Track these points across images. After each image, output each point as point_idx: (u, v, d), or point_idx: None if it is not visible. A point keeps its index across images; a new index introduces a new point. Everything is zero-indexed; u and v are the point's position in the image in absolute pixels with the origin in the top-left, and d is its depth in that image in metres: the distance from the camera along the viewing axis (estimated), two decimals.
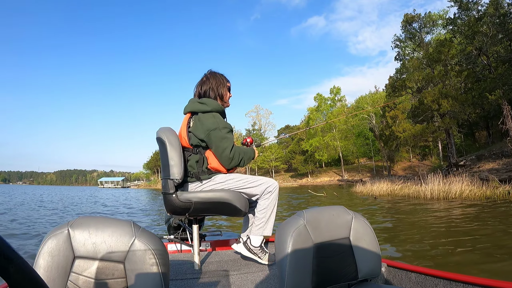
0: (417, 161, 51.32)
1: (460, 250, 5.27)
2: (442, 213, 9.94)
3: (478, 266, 4.41)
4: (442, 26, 28.28)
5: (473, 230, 6.89)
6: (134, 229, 1.22)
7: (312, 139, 58.67)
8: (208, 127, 2.30)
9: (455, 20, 23.18)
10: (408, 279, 1.95)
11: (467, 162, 22.63)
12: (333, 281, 1.48)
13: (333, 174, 62.56)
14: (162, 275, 1.18)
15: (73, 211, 16.18)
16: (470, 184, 14.90)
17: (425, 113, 22.73)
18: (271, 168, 72.95)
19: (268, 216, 2.43)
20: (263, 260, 2.40)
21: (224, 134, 2.31)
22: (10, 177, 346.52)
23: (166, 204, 2.34)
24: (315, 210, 1.58)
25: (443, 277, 1.74)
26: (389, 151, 37.33)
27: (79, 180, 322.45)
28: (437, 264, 4.66)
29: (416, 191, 16.83)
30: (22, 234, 8.34)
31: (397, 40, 28.20)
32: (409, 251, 5.48)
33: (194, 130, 2.37)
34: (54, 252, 1.11)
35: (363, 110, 50.50)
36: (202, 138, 2.33)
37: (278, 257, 1.45)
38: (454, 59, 22.93)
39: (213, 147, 2.32)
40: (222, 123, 2.35)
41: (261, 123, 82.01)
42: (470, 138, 42.00)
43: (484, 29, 20.46)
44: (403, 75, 25.42)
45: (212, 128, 2.30)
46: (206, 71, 2.63)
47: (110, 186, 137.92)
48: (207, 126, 2.31)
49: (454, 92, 20.94)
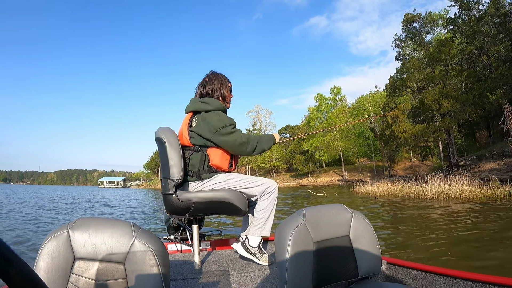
0: (418, 161, 51.26)
1: (457, 250, 5.28)
2: (441, 213, 9.93)
3: (475, 263, 4.46)
4: (443, 26, 28.29)
5: (472, 229, 6.90)
6: (134, 230, 1.22)
7: (312, 139, 58.54)
8: (214, 126, 2.30)
9: (456, 20, 23.16)
10: (408, 276, 1.93)
11: (467, 162, 22.61)
12: (334, 279, 1.48)
13: (334, 174, 62.41)
14: (162, 275, 1.18)
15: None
16: (470, 184, 14.85)
17: (426, 113, 22.69)
18: (272, 168, 72.81)
19: (267, 216, 2.44)
20: (261, 260, 2.40)
21: (230, 130, 2.33)
22: (11, 177, 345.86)
23: (166, 204, 2.33)
24: (315, 208, 1.58)
25: (443, 274, 1.73)
26: (390, 151, 37.26)
27: (79, 180, 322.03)
28: (437, 262, 4.65)
29: (416, 192, 16.82)
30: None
31: (397, 40, 28.23)
32: (409, 249, 5.50)
33: (198, 129, 2.36)
34: (54, 254, 1.11)
35: (364, 119, 50.39)
36: (209, 137, 2.33)
37: (278, 255, 1.44)
38: (454, 59, 22.89)
39: (225, 146, 2.34)
40: (227, 120, 2.35)
41: (261, 123, 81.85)
42: (471, 138, 41.97)
43: (484, 29, 20.44)
44: (404, 75, 25.37)
45: (219, 127, 2.30)
46: (207, 71, 2.63)
47: (110, 186, 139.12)
48: (213, 125, 2.31)
49: (455, 92, 20.92)
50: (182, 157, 2.32)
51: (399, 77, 26.29)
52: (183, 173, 2.28)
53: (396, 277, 2.02)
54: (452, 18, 23.73)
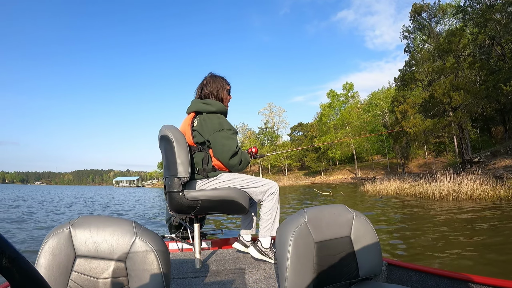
0: (432, 158, 49.80)
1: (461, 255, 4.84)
2: (447, 214, 9.20)
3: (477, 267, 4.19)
4: (452, 15, 26.83)
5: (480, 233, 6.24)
6: (135, 228, 1.22)
7: (324, 136, 57.85)
8: (213, 127, 2.35)
9: (466, 8, 21.95)
10: (409, 278, 1.95)
11: (481, 159, 21.35)
12: (334, 279, 1.48)
13: (347, 171, 61.44)
14: (163, 273, 1.17)
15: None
16: (482, 183, 13.84)
17: (436, 107, 21.52)
18: (284, 166, 72.43)
19: (274, 217, 2.51)
20: (274, 259, 2.46)
21: (229, 135, 2.37)
22: (28, 178, 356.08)
23: (171, 203, 2.32)
24: (316, 208, 1.59)
25: (444, 276, 1.74)
26: (403, 147, 36.22)
27: (95, 179, 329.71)
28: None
29: (425, 191, 15.85)
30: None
31: (405, 31, 26.96)
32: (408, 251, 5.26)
33: (199, 129, 2.40)
34: (55, 251, 1.11)
35: (378, 133, 49.45)
36: (208, 138, 2.37)
37: (279, 255, 1.45)
38: (466, 50, 21.66)
39: (218, 146, 2.34)
40: (227, 125, 2.40)
41: (274, 121, 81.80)
42: (486, 133, 40.05)
43: (496, 17, 19.21)
44: (413, 68, 24.24)
45: (218, 129, 2.34)
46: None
47: (125, 185, 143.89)
48: (212, 126, 2.35)
49: (466, 84, 19.71)
50: (190, 155, 2.32)
51: (408, 70, 25.09)
52: (191, 171, 2.28)
53: (397, 278, 2.04)
54: (461, 6, 22.48)
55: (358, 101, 61.79)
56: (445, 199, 13.87)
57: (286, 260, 1.38)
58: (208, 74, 2.65)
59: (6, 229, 8.65)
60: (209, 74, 2.64)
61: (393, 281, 2.04)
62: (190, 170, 2.26)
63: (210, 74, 2.65)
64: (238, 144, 2.43)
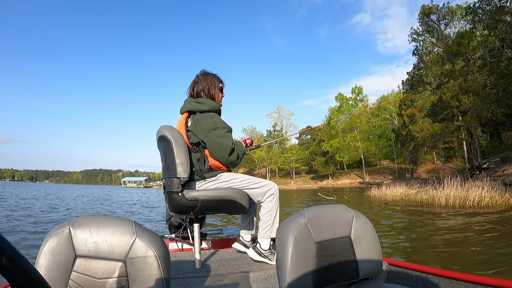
0: (441, 164, 48.98)
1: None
2: (451, 223, 8.83)
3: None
4: (461, 17, 26.15)
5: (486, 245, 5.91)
6: (135, 228, 1.21)
7: (332, 140, 57.39)
8: (208, 127, 2.33)
9: (476, 10, 21.41)
10: (409, 278, 1.96)
11: (490, 165, 20.74)
12: (334, 279, 1.48)
13: (355, 176, 60.83)
14: (163, 274, 1.17)
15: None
16: (491, 190, 13.32)
17: (445, 110, 20.97)
18: (292, 170, 72.08)
19: (273, 218, 2.50)
20: (273, 260, 2.44)
21: (224, 133, 2.35)
22: (37, 176, 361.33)
23: (170, 203, 2.33)
24: (316, 208, 1.57)
25: (444, 276, 1.75)
26: (411, 152, 35.58)
27: (104, 179, 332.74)
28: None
29: (431, 197, 15.34)
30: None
31: (414, 34, 26.42)
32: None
33: (193, 130, 2.39)
34: (55, 251, 1.11)
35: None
36: (202, 138, 2.36)
37: (279, 255, 1.44)
38: (476, 53, 21.11)
39: (214, 145, 2.32)
40: (221, 123, 2.38)
41: (282, 124, 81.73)
42: (496, 139, 39.22)
43: (507, 19, 18.69)
44: (421, 71, 23.73)
45: (212, 128, 2.33)
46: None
47: (132, 186, 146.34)
48: (206, 126, 2.34)
49: (476, 88, 19.15)
50: (188, 155, 2.32)
51: (416, 73, 24.57)
52: (190, 171, 2.28)
53: (397, 278, 2.05)
54: (471, 7, 21.93)
55: (367, 105, 61.24)
56: (451, 206, 13.42)
57: (286, 260, 1.38)
58: (200, 72, 2.63)
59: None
60: (201, 72, 2.63)
61: (393, 281, 2.07)
62: (189, 170, 2.27)
63: (202, 71, 2.64)
64: (234, 140, 2.44)
